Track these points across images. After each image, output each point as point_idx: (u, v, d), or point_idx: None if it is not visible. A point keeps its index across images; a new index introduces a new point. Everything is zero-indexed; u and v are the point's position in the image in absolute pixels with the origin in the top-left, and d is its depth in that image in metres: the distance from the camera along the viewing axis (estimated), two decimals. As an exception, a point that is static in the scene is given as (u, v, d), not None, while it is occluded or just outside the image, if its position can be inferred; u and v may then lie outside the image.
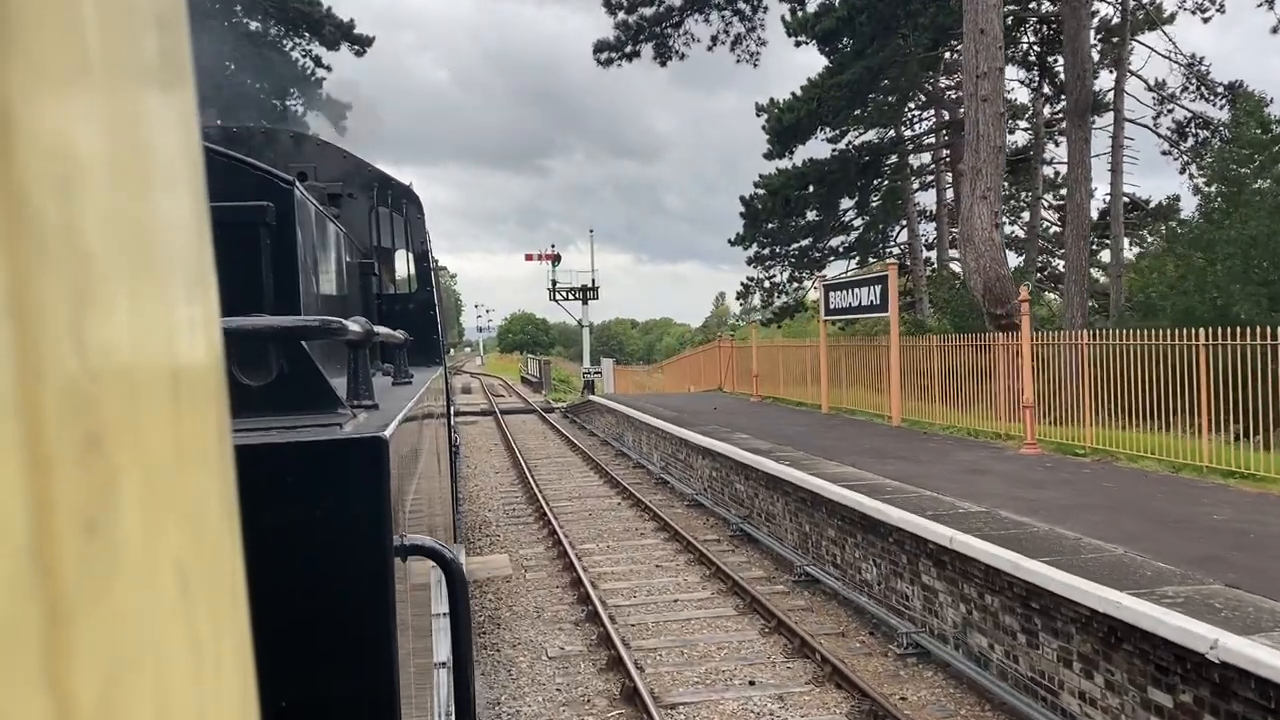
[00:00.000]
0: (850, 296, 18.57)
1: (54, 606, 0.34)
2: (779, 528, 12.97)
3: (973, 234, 19.38)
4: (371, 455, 1.86)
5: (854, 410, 19.50)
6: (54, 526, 0.35)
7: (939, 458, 12.79)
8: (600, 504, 17.45)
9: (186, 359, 0.48)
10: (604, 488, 19.24)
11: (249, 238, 2.87)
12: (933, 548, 8.53)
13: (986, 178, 19.21)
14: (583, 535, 14.72)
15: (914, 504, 9.47)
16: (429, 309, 7.90)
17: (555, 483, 20.10)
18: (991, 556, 7.42)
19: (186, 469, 0.47)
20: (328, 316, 2.55)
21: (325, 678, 1.82)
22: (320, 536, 1.80)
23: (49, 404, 0.35)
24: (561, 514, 16.40)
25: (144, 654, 0.40)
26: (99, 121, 0.40)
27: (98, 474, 0.38)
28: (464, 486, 20.29)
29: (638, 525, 15.33)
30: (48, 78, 0.36)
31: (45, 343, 0.35)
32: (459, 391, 47.02)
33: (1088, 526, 8.28)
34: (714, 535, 14.27)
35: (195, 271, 0.50)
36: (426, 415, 4.01)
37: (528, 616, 10.59)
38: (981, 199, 19.22)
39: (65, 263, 0.37)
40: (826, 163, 33.86)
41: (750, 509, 14.16)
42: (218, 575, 0.50)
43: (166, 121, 0.48)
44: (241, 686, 0.51)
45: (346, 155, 7.63)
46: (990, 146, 19.19)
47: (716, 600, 10.91)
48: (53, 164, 0.36)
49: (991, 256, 19.21)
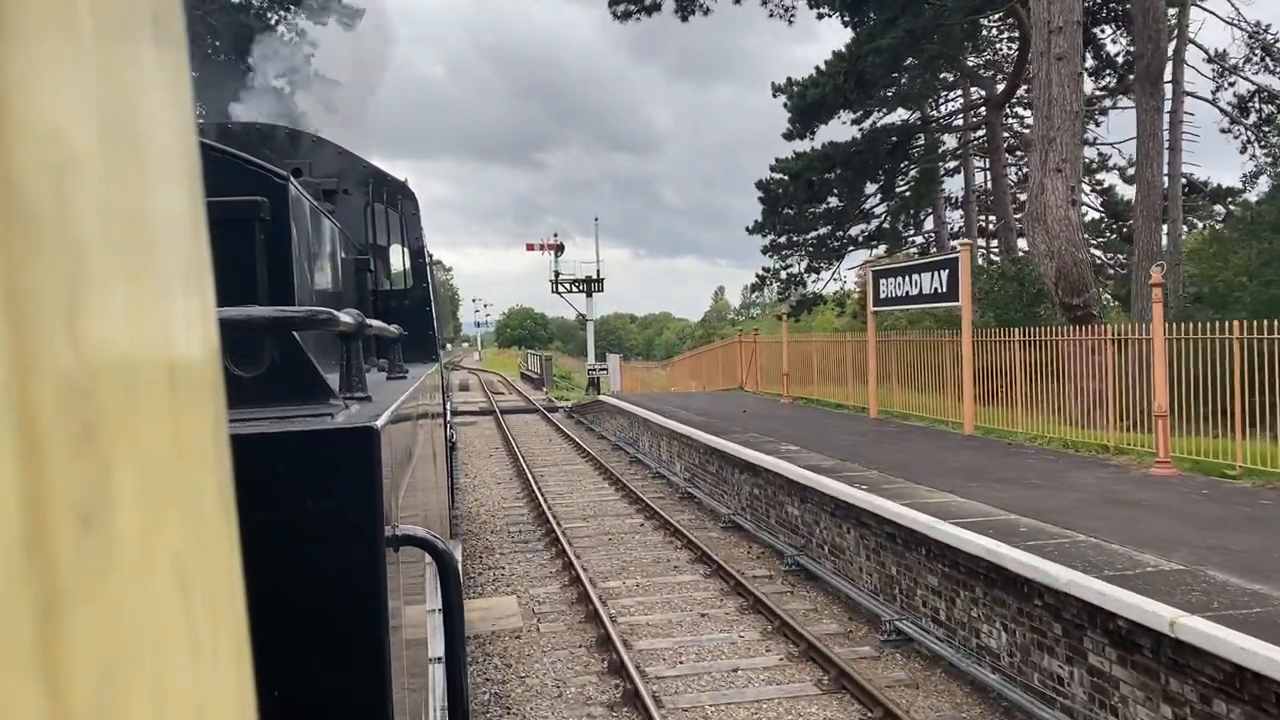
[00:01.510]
0: (907, 283, 16.10)
1: (49, 599, 0.34)
2: (849, 565, 10.53)
3: (1044, 213, 16.92)
4: (363, 445, 1.86)
5: (907, 415, 17.04)
6: (49, 519, 0.35)
7: (1052, 480, 10.33)
8: (620, 524, 14.99)
9: (183, 352, 0.48)
10: (622, 503, 16.78)
11: (243, 233, 2.89)
12: (1122, 627, 6.08)
13: (1061, 148, 16.75)
14: (604, 567, 12.26)
15: (1069, 555, 7.01)
16: (424, 304, 7.84)
17: (566, 496, 17.64)
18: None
19: (183, 462, 0.47)
20: (322, 308, 2.52)
21: (316, 669, 1.79)
22: (311, 527, 1.79)
23: (44, 396, 0.35)
24: (576, 537, 13.95)
25: (141, 647, 0.40)
26: (94, 113, 0.40)
27: (93, 467, 0.38)
28: (462, 500, 17.86)
29: (668, 554, 12.87)
30: (43, 68, 0.36)
31: (40, 335, 0.35)
32: (456, 389, 44.78)
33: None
34: (764, 570, 11.82)
35: (192, 264, 0.50)
36: (421, 408, 3.92)
37: (545, 695, 8.12)
38: (1055, 172, 16.75)
39: (60, 254, 0.37)
40: (853, 143, 31.33)
41: (808, 539, 11.71)
42: (215, 569, 0.50)
43: (162, 113, 0.47)
44: (239, 680, 0.52)
45: (342, 151, 7.62)
46: (1066, 112, 16.73)
47: (789, 669, 8.45)
48: (48, 155, 0.36)
49: (1067, 239, 16.76)
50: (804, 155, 32.14)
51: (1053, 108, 16.78)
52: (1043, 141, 17.05)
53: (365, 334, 2.80)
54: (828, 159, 30.93)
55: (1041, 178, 17.05)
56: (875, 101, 32.18)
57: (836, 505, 10.71)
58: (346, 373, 2.53)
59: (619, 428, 25.35)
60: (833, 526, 10.97)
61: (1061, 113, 16.70)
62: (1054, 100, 16.71)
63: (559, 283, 42.98)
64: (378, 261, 7.49)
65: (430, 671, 3.19)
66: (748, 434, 15.50)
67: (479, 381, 57.29)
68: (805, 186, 31.51)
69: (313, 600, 1.78)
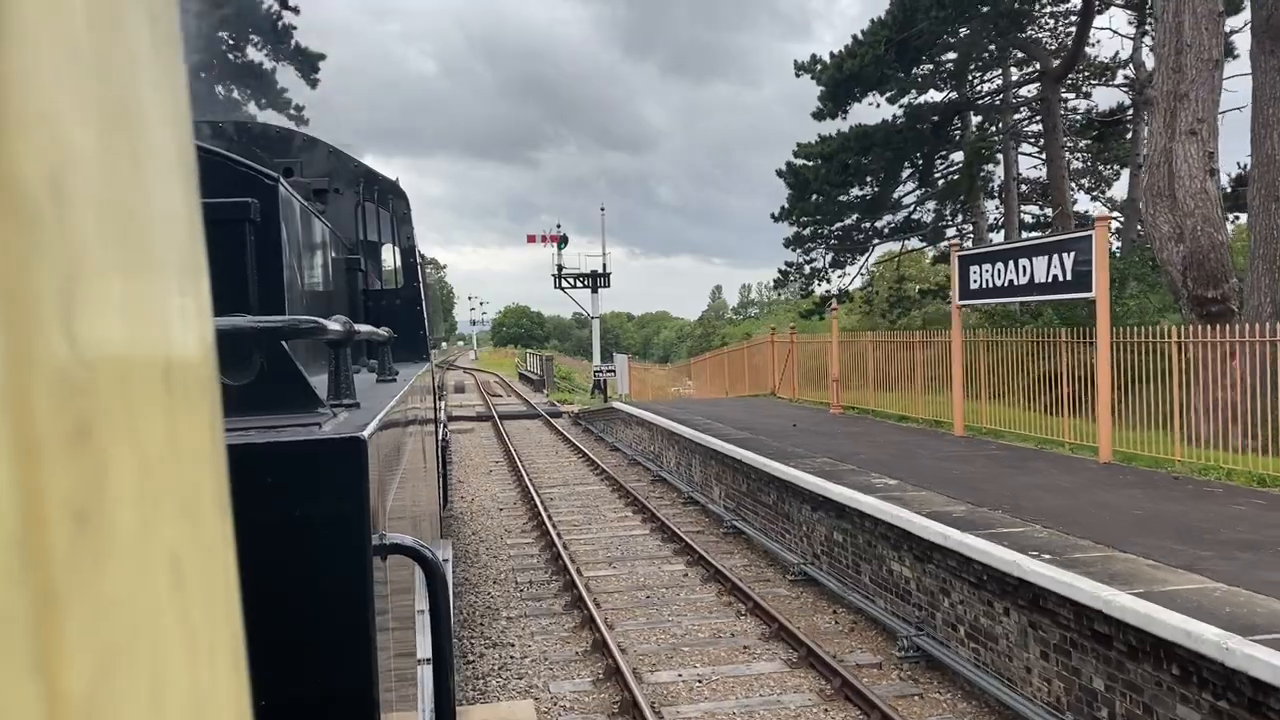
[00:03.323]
0: (1010, 271, 12.96)
1: (44, 596, 0.34)
2: (1004, 659, 7.40)
3: (1172, 185, 13.79)
4: (351, 455, 1.86)
5: (1000, 432, 13.91)
6: (44, 516, 0.35)
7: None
8: (657, 571, 11.86)
9: (179, 350, 0.48)
10: (654, 539, 13.63)
11: (233, 235, 2.93)
12: None
13: (1195, 105, 13.62)
14: (647, 644, 9.14)
15: None
16: (415, 304, 7.81)
17: (584, 529, 14.50)
18: None
19: (179, 460, 0.46)
20: (305, 316, 2.60)
21: (305, 677, 1.79)
22: (299, 537, 1.79)
23: (39, 393, 0.35)
24: (604, 592, 10.83)
25: (137, 644, 0.40)
26: (91, 111, 0.40)
27: (89, 464, 0.38)
28: (459, 529, 14.74)
29: (729, 623, 9.72)
30: (39, 66, 0.36)
31: (36, 331, 0.35)
32: (451, 390, 41.78)
33: None
34: (869, 653, 8.69)
35: (188, 262, 0.50)
36: (410, 412, 3.89)
37: None
38: (1188, 135, 13.63)
39: (57, 252, 0.37)
40: (893, 123, 28.15)
41: (928, 612, 8.57)
42: (211, 567, 0.50)
43: (159, 111, 0.47)
44: (235, 678, 0.52)
45: (333, 151, 7.65)
46: (1202, 60, 13.60)
47: None
48: (45, 153, 0.36)
49: (1203, 216, 13.63)
50: (837, 136, 29.00)
51: (1184, 55, 13.66)
52: (1168, 99, 13.92)
53: (353, 340, 2.70)
54: (865, 138, 27.74)
55: (1167, 143, 13.93)
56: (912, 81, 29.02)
57: (987, 575, 7.58)
58: (335, 379, 2.53)
59: (635, 439, 22.22)
60: (975, 603, 7.84)
61: (1196, 61, 13.58)
62: (1187, 47, 13.59)
63: (562, 277, 39.71)
64: (368, 261, 7.42)
65: (419, 673, 3.11)
66: (818, 459, 12.35)
67: (475, 382, 54.02)
68: (839, 169, 28.37)
69: (301, 609, 1.75)
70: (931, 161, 30.77)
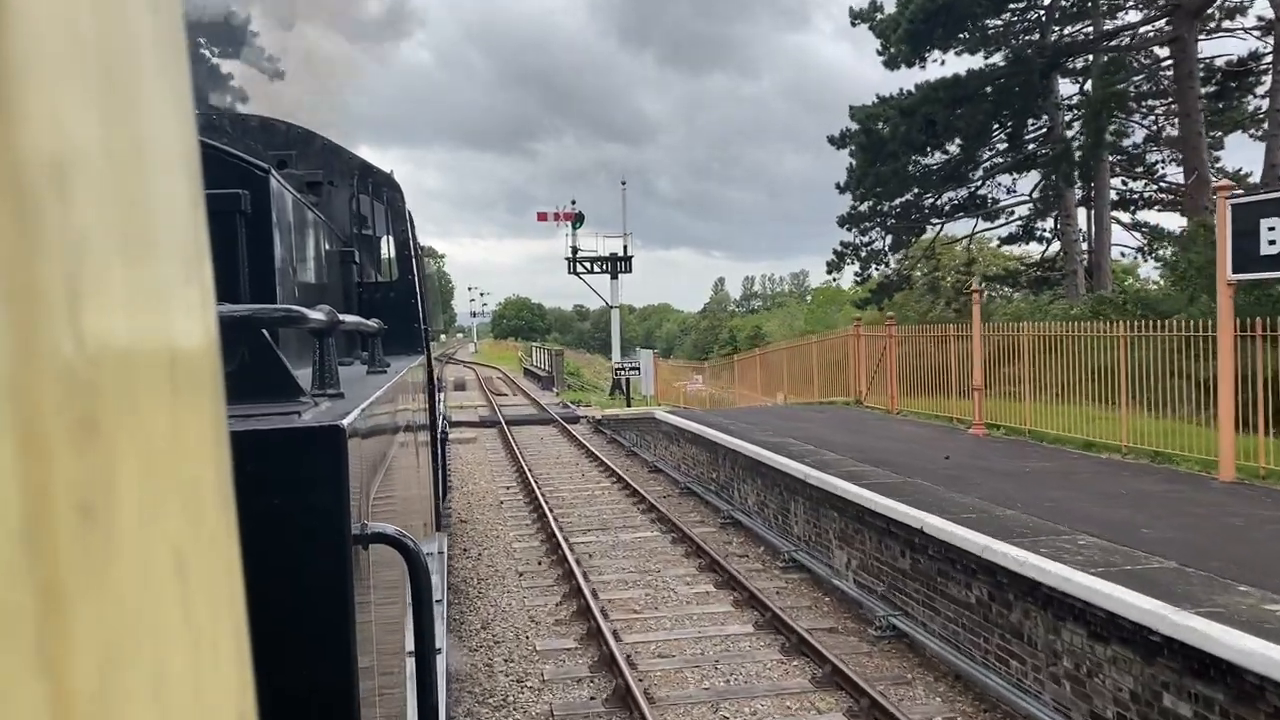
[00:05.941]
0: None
1: (49, 591, 0.34)
2: None
3: None
4: (330, 444, 1.84)
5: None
6: (50, 510, 0.35)
7: None
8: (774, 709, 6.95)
9: (184, 344, 0.48)
10: (767, 649, 8.72)
11: (224, 226, 2.91)
12: None
13: None
14: None
15: None
16: (410, 296, 7.82)
17: (647, 615, 9.66)
18: None
19: (184, 454, 0.46)
20: (292, 306, 2.54)
21: (283, 668, 1.76)
22: (277, 526, 1.77)
23: (45, 388, 0.35)
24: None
25: (141, 639, 0.40)
26: (95, 105, 0.40)
27: (94, 458, 0.38)
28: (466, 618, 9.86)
29: None
30: (43, 61, 0.36)
31: (41, 326, 0.35)
32: (451, 387, 36.94)
33: None
34: None
35: (191, 255, 0.50)
36: (400, 402, 3.84)
37: None
38: None
39: (62, 246, 0.37)
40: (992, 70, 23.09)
41: None
42: (215, 561, 0.49)
43: (162, 105, 0.47)
44: (239, 670, 0.51)
45: (326, 143, 7.71)
46: None
47: None
48: (49, 148, 0.36)
49: None
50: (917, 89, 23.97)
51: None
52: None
53: (338, 330, 2.69)
54: (957, 86, 22.67)
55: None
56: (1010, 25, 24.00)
57: None
58: (319, 369, 2.49)
59: (685, 460, 17.31)
60: None
61: None
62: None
63: (578, 261, 34.64)
64: (363, 253, 7.45)
65: (406, 664, 3.03)
66: (1023, 514, 7.40)
67: (476, 378, 49.05)
68: (923, 126, 23.35)
69: (279, 600, 1.72)
70: (1023, 122, 25.75)
